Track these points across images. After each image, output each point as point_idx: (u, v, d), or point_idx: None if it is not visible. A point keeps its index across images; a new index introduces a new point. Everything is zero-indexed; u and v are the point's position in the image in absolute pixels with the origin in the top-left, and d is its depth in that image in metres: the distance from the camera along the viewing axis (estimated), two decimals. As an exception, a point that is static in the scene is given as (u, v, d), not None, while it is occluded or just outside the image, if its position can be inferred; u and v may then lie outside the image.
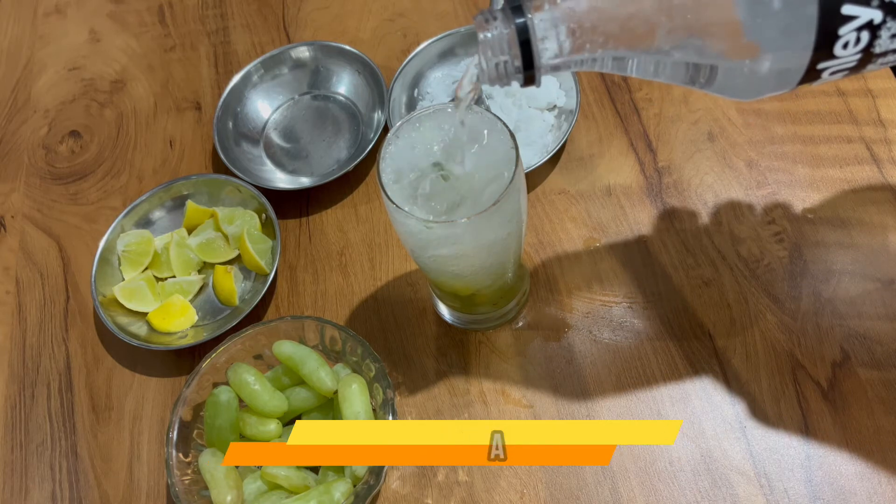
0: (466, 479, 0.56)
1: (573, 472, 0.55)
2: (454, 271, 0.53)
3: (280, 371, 0.58)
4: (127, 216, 0.68)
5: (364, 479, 0.52)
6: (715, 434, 0.55)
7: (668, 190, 0.66)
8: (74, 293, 0.69)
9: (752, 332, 0.59)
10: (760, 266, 0.61)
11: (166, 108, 0.79)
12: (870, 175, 0.64)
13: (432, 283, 0.61)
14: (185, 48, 0.83)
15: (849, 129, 0.67)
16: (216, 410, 0.55)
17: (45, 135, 0.80)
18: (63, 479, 0.60)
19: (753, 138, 0.67)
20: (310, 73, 0.77)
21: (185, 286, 0.66)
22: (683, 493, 0.53)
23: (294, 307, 0.65)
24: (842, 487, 0.52)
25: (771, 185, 0.65)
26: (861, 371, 0.56)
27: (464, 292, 0.57)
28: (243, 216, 0.68)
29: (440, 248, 0.49)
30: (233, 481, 0.53)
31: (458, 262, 0.50)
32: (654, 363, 0.58)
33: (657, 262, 0.63)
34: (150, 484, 0.59)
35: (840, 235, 0.62)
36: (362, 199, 0.70)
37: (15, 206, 0.75)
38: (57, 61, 0.85)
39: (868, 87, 0.69)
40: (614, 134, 0.70)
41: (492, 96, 0.70)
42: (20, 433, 0.63)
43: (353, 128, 0.74)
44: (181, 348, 0.62)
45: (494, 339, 0.61)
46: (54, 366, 0.65)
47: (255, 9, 0.85)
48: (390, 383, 0.54)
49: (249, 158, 0.73)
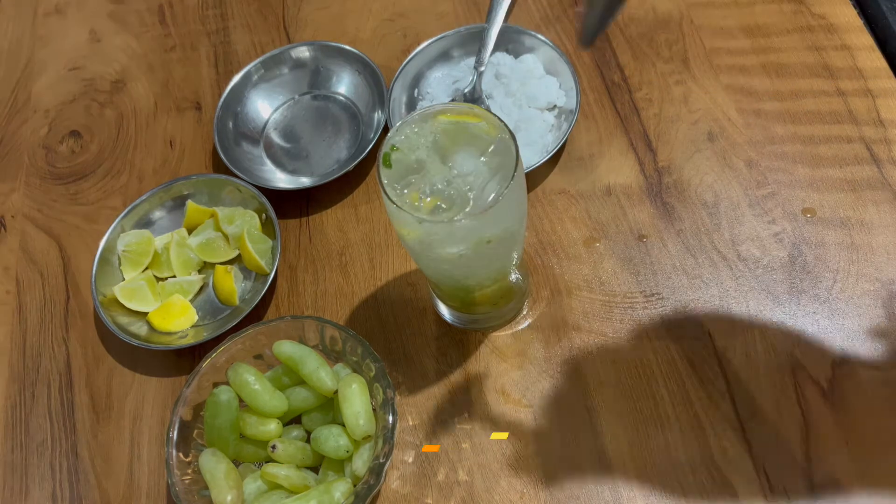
0: (466, 479, 0.56)
1: (573, 472, 0.55)
2: (454, 271, 0.53)
3: (280, 371, 0.58)
4: (127, 216, 0.68)
5: (364, 479, 0.52)
6: (715, 434, 0.55)
7: (668, 190, 0.66)
8: (74, 293, 0.69)
9: (752, 332, 0.59)
10: (760, 266, 0.61)
11: (166, 108, 0.79)
12: (870, 175, 0.64)
13: (432, 283, 0.61)
14: (185, 48, 0.83)
15: (849, 129, 0.67)
16: (216, 410, 0.55)
17: (46, 135, 0.80)
18: (63, 479, 0.60)
19: (753, 138, 0.67)
20: (310, 73, 0.77)
21: (185, 286, 0.66)
22: (683, 492, 0.53)
23: (294, 307, 0.65)
24: (842, 487, 0.52)
25: (771, 185, 0.65)
26: (861, 371, 0.56)
27: (464, 292, 0.57)
28: (243, 216, 0.68)
29: (440, 247, 0.49)
30: (233, 481, 0.53)
31: (459, 261, 0.50)
32: (654, 363, 0.58)
33: (657, 262, 0.63)
34: (150, 484, 0.59)
35: (840, 235, 0.62)
36: (362, 199, 0.70)
37: (15, 206, 0.75)
38: (57, 61, 0.85)
39: (868, 87, 0.69)
40: (614, 134, 0.70)
41: (492, 96, 0.70)
42: (20, 433, 0.63)
43: (353, 128, 0.74)
44: (181, 348, 0.62)
45: (494, 339, 0.61)
46: (54, 366, 0.65)
47: (255, 9, 0.85)
48: (390, 383, 0.54)
49: (249, 158, 0.73)
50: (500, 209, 0.46)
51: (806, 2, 0.74)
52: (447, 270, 0.53)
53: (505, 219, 0.48)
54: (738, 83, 0.71)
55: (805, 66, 0.71)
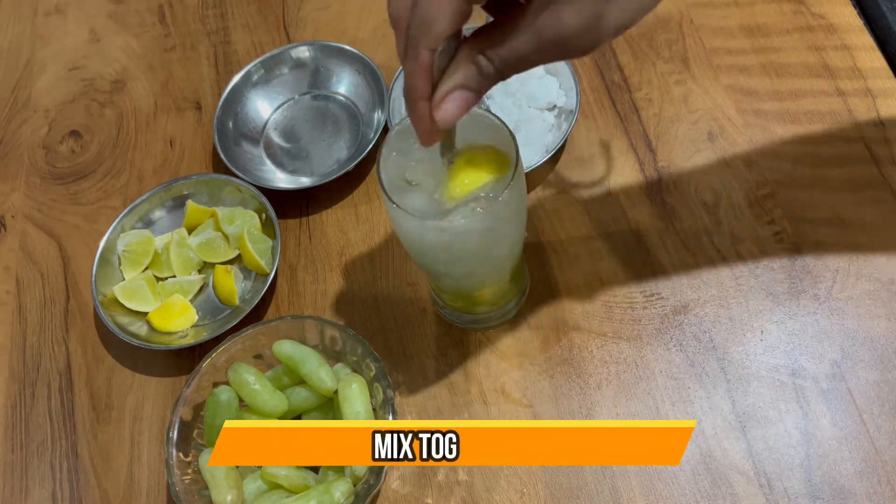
0: (466, 479, 0.56)
1: (573, 471, 0.55)
2: (454, 271, 0.53)
3: (280, 371, 0.58)
4: (127, 216, 0.68)
5: (364, 479, 0.52)
6: (715, 434, 0.55)
7: (668, 190, 0.66)
8: (74, 293, 0.69)
9: (752, 332, 0.59)
10: (760, 266, 0.61)
11: (166, 108, 0.79)
12: (870, 175, 0.64)
13: (432, 282, 0.61)
14: (185, 48, 0.83)
15: (849, 129, 0.67)
16: (216, 410, 0.55)
17: (46, 135, 0.80)
18: (63, 479, 0.60)
19: (753, 138, 0.67)
20: (310, 73, 0.77)
21: (185, 286, 0.66)
22: (683, 492, 0.53)
23: (294, 307, 0.65)
24: (842, 487, 0.52)
25: (771, 185, 0.65)
26: (861, 371, 0.56)
27: (464, 292, 0.57)
28: (243, 216, 0.68)
29: (440, 247, 0.49)
30: (233, 481, 0.53)
31: (459, 261, 0.50)
32: (654, 363, 0.58)
33: (657, 262, 0.63)
34: (150, 484, 0.59)
35: (840, 235, 0.62)
36: (362, 199, 0.70)
37: (15, 205, 0.75)
38: (57, 61, 0.85)
39: (868, 86, 0.69)
40: (614, 134, 0.70)
41: (492, 96, 0.70)
42: (20, 433, 0.63)
43: (353, 128, 0.74)
44: (181, 348, 0.62)
45: (494, 339, 0.61)
46: (54, 365, 0.65)
47: (255, 9, 0.85)
48: (390, 383, 0.54)
49: (249, 158, 0.73)
50: (499, 209, 0.46)
51: (806, 2, 0.74)
52: (447, 270, 0.53)
53: (505, 218, 0.48)
54: (738, 83, 0.71)
55: (805, 65, 0.71)
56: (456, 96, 0.38)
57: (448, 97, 0.38)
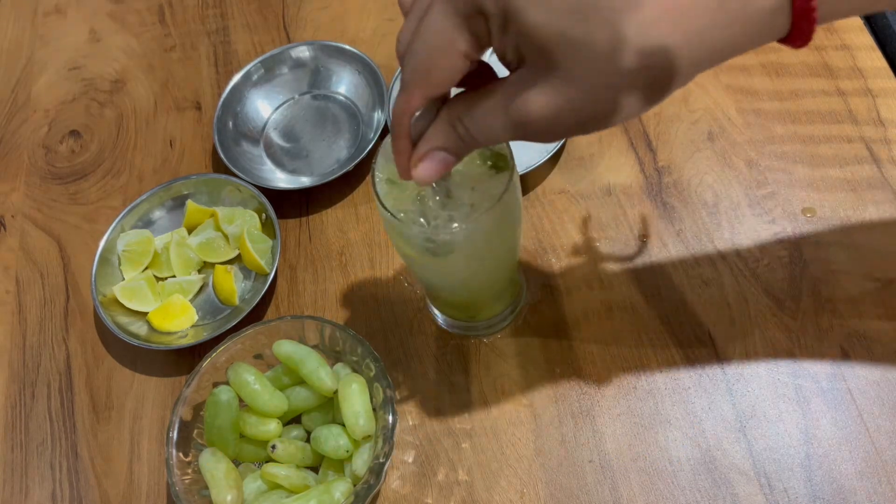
0: (466, 479, 0.56)
1: (573, 471, 0.55)
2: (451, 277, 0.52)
3: (280, 371, 0.58)
4: (127, 216, 0.68)
5: (364, 479, 0.52)
6: (715, 434, 0.55)
7: (668, 190, 0.66)
8: (74, 293, 0.69)
9: (752, 332, 0.59)
10: (760, 266, 0.61)
11: (166, 108, 0.79)
12: (870, 175, 0.64)
13: (429, 291, 0.61)
14: (185, 48, 0.83)
15: (849, 129, 0.67)
16: (216, 410, 0.55)
17: (45, 134, 0.80)
18: (63, 479, 0.60)
19: (753, 138, 0.67)
20: (310, 73, 0.77)
21: (185, 286, 0.66)
22: (683, 492, 0.53)
23: (294, 307, 0.65)
24: (842, 487, 0.52)
25: (771, 185, 0.65)
26: (861, 371, 0.56)
27: (461, 297, 0.57)
28: (243, 216, 0.68)
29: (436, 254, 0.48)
30: (233, 481, 0.53)
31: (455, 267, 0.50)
32: (654, 363, 0.58)
33: (657, 262, 0.63)
34: (150, 483, 0.59)
35: (840, 235, 0.62)
36: (362, 198, 0.70)
37: (15, 205, 0.75)
38: (57, 61, 0.85)
39: (868, 86, 0.69)
40: (614, 134, 0.70)
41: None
42: (20, 433, 0.63)
43: (353, 128, 0.74)
44: (181, 348, 0.62)
45: (494, 340, 0.61)
46: (54, 365, 0.65)
47: (255, 8, 0.85)
48: (390, 383, 0.54)
49: (249, 158, 0.73)
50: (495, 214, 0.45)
51: (806, 2, 0.74)
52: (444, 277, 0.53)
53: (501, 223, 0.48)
54: (738, 83, 0.71)
55: (805, 65, 0.71)
56: (434, 157, 0.38)
57: (427, 157, 0.38)
